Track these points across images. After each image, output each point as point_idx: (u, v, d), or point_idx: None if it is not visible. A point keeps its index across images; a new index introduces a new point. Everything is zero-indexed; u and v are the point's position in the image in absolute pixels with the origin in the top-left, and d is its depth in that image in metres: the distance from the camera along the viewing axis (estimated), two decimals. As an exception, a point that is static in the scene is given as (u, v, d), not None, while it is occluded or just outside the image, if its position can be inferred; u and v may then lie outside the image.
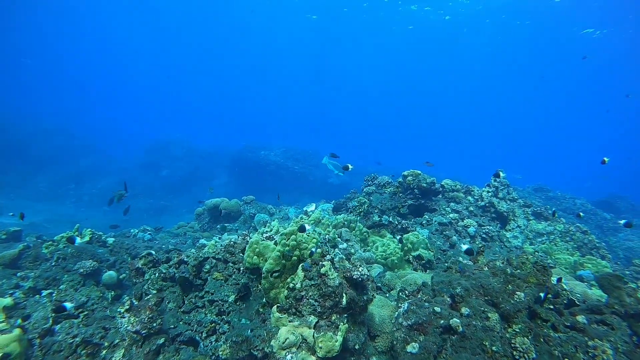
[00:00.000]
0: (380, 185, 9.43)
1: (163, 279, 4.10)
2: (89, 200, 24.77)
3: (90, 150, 29.88)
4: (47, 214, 17.92)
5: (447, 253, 6.53)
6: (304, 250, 3.60)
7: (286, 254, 3.53)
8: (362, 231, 6.47)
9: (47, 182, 24.30)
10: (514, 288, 3.28)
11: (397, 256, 5.71)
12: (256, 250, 3.69)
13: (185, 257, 4.24)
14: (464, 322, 3.14)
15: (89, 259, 5.67)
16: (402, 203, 8.24)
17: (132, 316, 3.50)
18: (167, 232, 10.19)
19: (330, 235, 5.65)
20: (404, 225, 6.93)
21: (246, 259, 3.74)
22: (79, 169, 26.76)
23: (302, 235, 3.65)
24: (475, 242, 7.20)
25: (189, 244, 8.12)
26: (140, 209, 24.58)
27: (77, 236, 6.56)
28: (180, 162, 30.28)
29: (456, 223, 7.56)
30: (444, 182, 8.90)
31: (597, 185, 36.93)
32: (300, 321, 3.23)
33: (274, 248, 3.64)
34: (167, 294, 4.07)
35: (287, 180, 28.07)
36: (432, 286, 3.72)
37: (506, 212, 7.95)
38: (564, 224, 8.23)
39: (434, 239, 6.81)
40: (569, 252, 6.78)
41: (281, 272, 3.55)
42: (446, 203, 8.30)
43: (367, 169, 26.24)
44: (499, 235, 7.48)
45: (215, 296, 4.06)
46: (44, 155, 26.27)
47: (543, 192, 20.11)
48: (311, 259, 3.43)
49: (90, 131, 36.13)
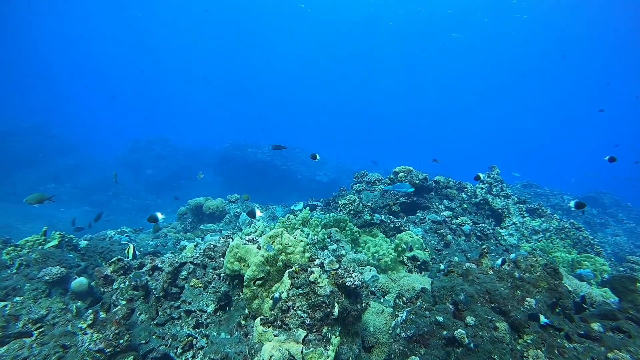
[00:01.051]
0: (371, 182, 9.12)
1: (134, 288, 3.67)
2: (69, 200, 23.85)
3: (70, 149, 28.81)
4: (22, 216, 17.08)
5: (442, 253, 6.24)
6: (291, 254, 3.22)
7: (270, 259, 3.15)
8: (353, 231, 6.13)
9: (24, 182, 23.27)
10: (524, 294, 2.97)
11: (391, 257, 5.38)
12: (237, 255, 3.30)
13: (159, 262, 3.82)
14: (470, 332, 2.82)
15: (56, 264, 5.19)
16: (393, 201, 7.94)
17: (96, 332, 3.07)
18: (148, 233, 9.67)
19: (319, 236, 5.29)
20: (396, 224, 6.61)
21: (226, 264, 3.34)
22: (58, 169, 25.76)
23: (289, 238, 3.28)
24: (471, 240, 6.93)
25: (170, 246, 7.65)
26: (123, 208, 23.83)
27: (45, 240, 6.05)
28: (165, 160, 29.48)
29: (450, 221, 7.29)
30: (436, 179, 8.63)
31: (581, 181, 37.54)
32: (286, 335, 2.85)
33: (256, 252, 3.26)
34: (139, 305, 3.64)
35: (275, 178, 27.63)
36: (433, 292, 3.39)
37: (501, 209, 7.71)
38: (558, 220, 8.04)
39: (428, 238, 6.51)
40: (566, 250, 6.57)
41: (265, 279, 3.17)
42: (439, 200, 8.02)
43: (360, 168, 26.02)
44: (494, 233, 7.24)
45: (192, 306, 3.65)
46: (20, 155, 25.16)
47: (532, 188, 20.17)
48: (298, 264, 3.05)
49: (69, 130, 34.92)
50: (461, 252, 6.49)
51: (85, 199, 23.89)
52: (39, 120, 31.25)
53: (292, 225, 5.34)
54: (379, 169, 25.53)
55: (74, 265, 5.42)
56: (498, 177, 8.65)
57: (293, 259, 3.19)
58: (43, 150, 26.70)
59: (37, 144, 27.13)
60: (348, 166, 32.57)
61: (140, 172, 28.91)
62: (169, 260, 3.75)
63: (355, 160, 39.56)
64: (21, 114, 32.28)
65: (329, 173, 30.27)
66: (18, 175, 23.72)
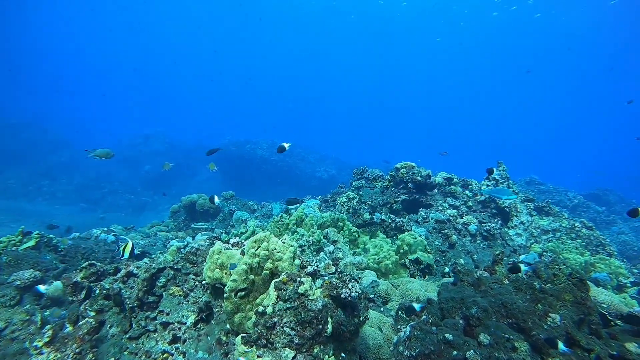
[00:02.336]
0: (370, 179, 8.71)
1: (105, 297, 3.27)
2: (63, 197, 23.45)
3: (64, 145, 28.35)
4: (13, 214, 16.68)
5: (447, 254, 5.85)
6: (278, 261, 2.82)
7: (255, 267, 2.75)
8: (352, 231, 5.73)
9: (16, 179, 22.83)
10: (546, 308, 2.57)
11: (392, 260, 4.98)
12: (218, 262, 2.90)
13: (134, 268, 3.42)
14: (484, 354, 2.42)
15: (30, 267, 4.80)
16: (394, 198, 7.53)
17: (53, 351, 2.68)
18: (139, 231, 9.29)
19: (314, 237, 4.89)
20: (398, 224, 6.21)
21: (206, 272, 2.94)
22: (52, 165, 25.32)
23: (277, 243, 2.87)
24: (477, 241, 6.54)
25: (159, 246, 7.25)
26: (119, 205, 23.43)
27: (25, 241, 5.66)
28: (162, 157, 28.99)
29: (455, 220, 6.89)
30: (440, 175, 8.23)
31: (584, 179, 37.13)
32: (272, 356, 2.46)
33: (240, 259, 2.86)
34: (110, 316, 3.24)
35: (274, 174, 27.23)
36: (440, 304, 2.99)
37: (508, 207, 7.31)
38: (568, 219, 7.64)
39: (431, 239, 6.11)
40: (578, 251, 6.18)
41: (249, 290, 2.77)
42: (442, 198, 7.62)
43: (361, 164, 25.64)
44: (501, 232, 6.84)
45: (171, 317, 3.26)
46: (13, 151, 24.70)
47: (535, 185, 19.76)
48: (287, 273, 2.65)
49: (64, 126, 34.45)
50: (467, 254, 6.10)
51: (81, 195, 23.47)
52: (31, 116, 30.79)
53: (286, 225, 4.94)
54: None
55: (51, 268, 5.04)
56: (505, 174, 8.24)
57: (281, 266, 2.79)
58: (36, 147, 26.25)
59: (30, 140, 26.69)
60: (349, 162, 32.12)
61: (137, 168, 28.49)
62: (145, 265, 3.35)
63: (356, 156, 39.09)
64: (13, 110, 31.72)
65: (329, 169, 29.85)
66: (11, 171, 23.27)
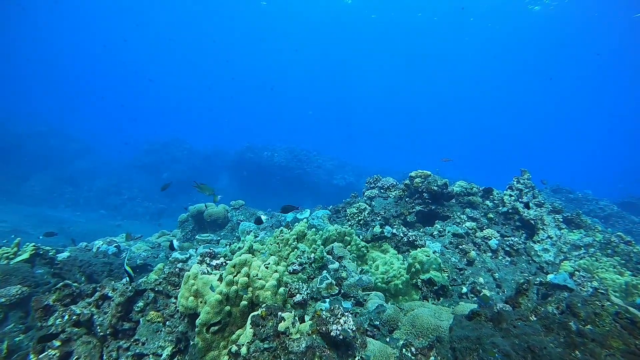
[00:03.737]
0: (384, 188, 8.23)
1: (75, 324, 2.96)
2: (85, 204, 23.94)
3: (86, 151, 29.14)
4: (35, 220, 17.01)
5: (465, 272, 5.30)
6: (260, 290, 2.43)
7: (232, 297, 2.36)
8: (360, 246, 5.27)
9: (41, 185, 23.50)
10: (587, 358, 2.06)
11: (402, 279, 4.49)
12: (193, 289, 2.53)
13: (110, 290, 3.10)
14: (507, 414, 1.94)
15: (19, 282, 4.58)
16: (409, 209, 7.03)
17: (5, 389, 2.37)
18: (146, 241, 9.11)
19: (316, 254, 4.47)
20: (410, 238, 5.71)
21: (180, 300, 2.58)
22: (74, 171, 25.98)
23: (259, 268, 2.48)
24: (498, 257, 5.95)
25: (161, 258, 6.99)
26: (137, 213, 23.70)
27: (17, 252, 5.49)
28: (180, 164, 29.31)
29: (474, 233, 6.32)
30: (458, 184, 7.66)
31: (615, 186, 35.13)
32: (245, 408, 2.06)
33: (217, 285, 2.48)
34: (78, 346, 2.92)
35: (290, 181, 26.98)
36: (452, 343, 2.51)
37: (533, 219, 6.67)
38: (602, 232, 6.92)
39: (447, 255, 5.58)
40: (616, 271, 5.49)
41: (224, 324, 2.38)
42: (461, 209, 7.05)
43: (380, 171, 25.06)
44: (525, 248, 6.22)
45: (146, 347, 2.90)
46: (38, 158, 25.54)
47: (562, 193, 18.63)
48: (266, 306, 2.25)
49: (86, 132, 35.49)
50: (487, 272, 5.53)
51: (101, 202, 23.90)
52: (56, 123, 31.82)
53: (285, 241, 4.54)
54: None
55: (42, 282, 4.81)
56: (529, 183, 7.59)
57: (262, 296, 2.39)
58: (61, 153, 27.04)
59: (56, 147, 27.51)
60: (367, 169, 31.49)
61: (156, 175, 28.86)
62: (122, 287, 3.02)
63: (379, 162, 38.36)
64: (38, 118, 32.85)
65: (347, 176, 29.34)
66: (36, 178, 23.98)
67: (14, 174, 23.59)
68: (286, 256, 4.40)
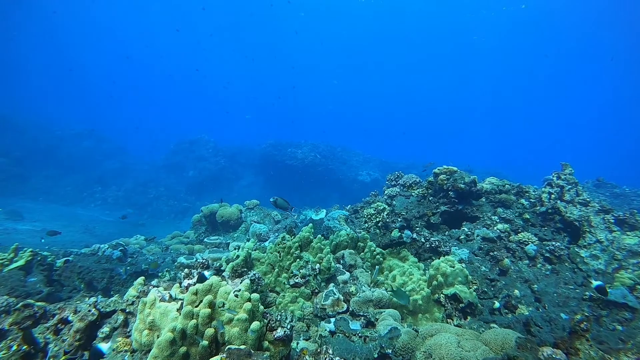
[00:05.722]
0: (406, 185, 7.57)
1: (23, 357, 2.58)
2: (114, 203, 24.59)
3: (117, 152, 30.00)
4: (65, 219, 17.51)
5: (498, 284, 4.60)
6: (227, 325, 1.93)
7: (191, 334, 1.88)
8: (375, 253, 4.69)
9: (74, 185, 24.37)
10: None
11: (423, 294, 3.89)
12: (148, 320, 2.08)
13: (70, 314, 2.71)
14: None
15: (7, 293, 4.36)
16: (432, 210, 6.35)
17: None
18: (159, 243, 8.93)
19: (322, 264, 3.94)
20: (433, 244, 5.06)
21: (134, 334, 2.13)
22: (105, 171, 26.80)
23: (227, 296, 1.98)
24: (537, 265, 5.18)
25: (168, 263, 6.69)
26: (162, 211, 24.08)
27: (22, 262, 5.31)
28: (205, 162, 29.56)
29: (507, 237, 5.57)
30: (488, 180, 6.88)
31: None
32: None
33: (175, 317, 2.01)
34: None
35: (314, 178, 26.54)
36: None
37: (578, 220, 5.81)
38: (663, 236, 5.93)
39: (476, 263, 4.89)
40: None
41: (182, 368, 1.91)
42: (492, 209, 6.29)
43: (406, 167, 24.13)
44: (569, 254, 5.40)
45: (113, 380, 2.50)
46: (73, 159, 26.56)
47: (607, 187, 17.03)
48: (229, 350, 1.75)
49: (119, 133, 36.60)
50: (524, 282, 4.80)
51: (128, 201, 24.47)
52: (91, 124, 32.97)
53: (287, 249, 4.04)
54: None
55: (33, 292, 4.57)
56: (572, 179, 6.69)
57: (229, 333, 1.90)
58: (94, 154, 27.98)
59: (88, 147, 28.50)
60: (393, 165, 30.45)
61: (182, 174, 29.28)
62: (83, 310, 2.63)
63: (405, 158, 37.14)
64: (74, 120, 34.21)
65: (372, 172, 28.50)
66: (70, 178, 24.89)
67: (51, 175, 24.62)
68: (287, 267, 3.91)
